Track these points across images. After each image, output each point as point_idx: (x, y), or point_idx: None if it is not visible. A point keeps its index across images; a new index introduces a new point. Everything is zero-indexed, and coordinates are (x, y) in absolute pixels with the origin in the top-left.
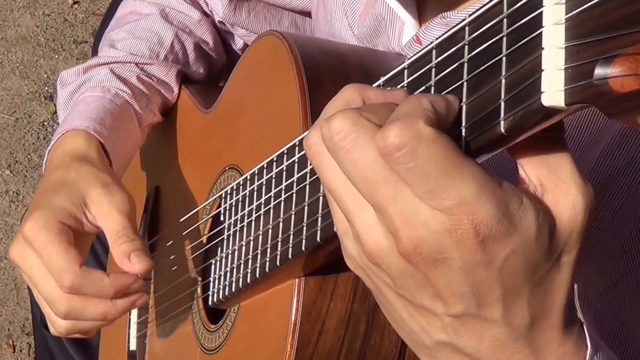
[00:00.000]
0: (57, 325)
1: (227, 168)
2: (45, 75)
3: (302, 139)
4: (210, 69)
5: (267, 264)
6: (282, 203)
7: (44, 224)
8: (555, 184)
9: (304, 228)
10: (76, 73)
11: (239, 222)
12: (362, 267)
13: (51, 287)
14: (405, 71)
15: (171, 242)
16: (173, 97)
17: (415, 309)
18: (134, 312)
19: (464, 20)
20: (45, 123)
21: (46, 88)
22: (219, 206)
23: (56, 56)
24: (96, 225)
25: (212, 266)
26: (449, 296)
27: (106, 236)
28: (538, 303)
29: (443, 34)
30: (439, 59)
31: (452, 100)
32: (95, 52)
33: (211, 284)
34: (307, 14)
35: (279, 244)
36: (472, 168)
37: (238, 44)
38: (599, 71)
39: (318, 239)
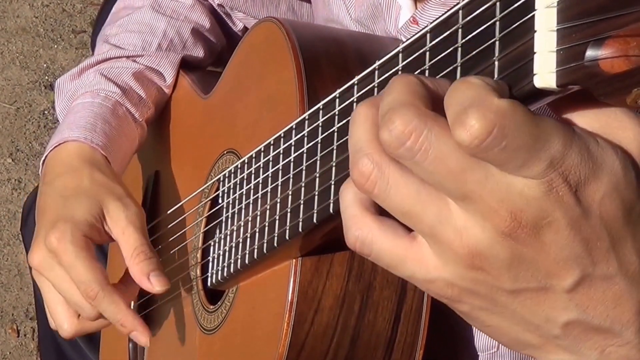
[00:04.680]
0: (64, 331)
1: (225, 152)
2: (45, 65)
3: (299, 122)
4: (211, 51)
5: (265, 245)
6: (279, 185)
7: (71, 238)
8: (612, 125)
9: (301, 209)
10: (70, 78)
11: (237, 204)
12: (464, 287)
13: (78, 295)
14: (400, 55)
15: (170, 225)
16: (169, 85)
17: (533, 300)
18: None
19: (457, 4)
20: (46, 112)
21: (46, 77)
22: (217, 189)
23: (55, 46)
24: (110, 236)
25: (211, 248)
26: (563, 264)
27: (122, 250)
28: None
29: (437, 19)
30: (433, 42)
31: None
32: (93, 42)
33: (210, 265)
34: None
35: (277, 225)
36: (551, 123)
37: (238, 26)
38: (590, 53)
39: (314, 220)
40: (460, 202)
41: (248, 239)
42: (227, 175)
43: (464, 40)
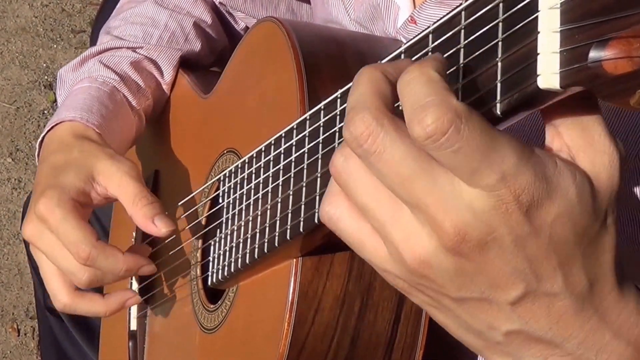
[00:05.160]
0: (58, 301)
1: (225, 151)
2: (44, 65)
3: (300, 122)
4: (212, 48)
5: (265, 244)
6: (280, 185)
7: (57, 201)
8: (590, 143)
9: (302, 209)
10: (72, 68)
11: (237, 204)
12: (413, 285)
13: (71, 259)
14: (402, 55)
15: None
16: (167, 82)
17: (476, 308)
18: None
19: (460, 4)
20: (46, 111)
21: (45, 77)
22: (218, 189)
23: (55, 46)
24: (106, 196)
25: (212, 247)
26: (507, 279)
27: (122, 202)
28: (593, 266)
29: (440, 19)
30: (436, 43)
31: (440, 58)
32: (93, 42)
33: (210, 264)
34: (304, 0)
35: (277, 225)
36: (507, 137)
37: (240, 24)
38: (593, 54)
39: (315, 220)
40: (411, 209)
41: (249, 239)
42: (227, 174)
43: (466, 41)
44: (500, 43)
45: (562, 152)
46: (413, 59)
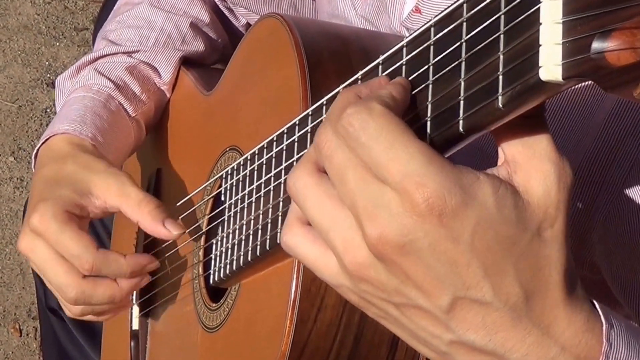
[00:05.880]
0: (70, 310)
1: (227, 149)
2: (47, 63)
3: (302, 118)
4: (212, 47)
5: (268, 242)
6: (283, 181)
7: (52, 214)
8: (529, 160)
9: None
10: (69, 75)
11: (239, 201)
12: (360, 295)
13: (61, 274)
14: (404, 49)
15: None
16: (166, 82)
17: (417, 316)
18: (136, 292)
19: None
20: (48, 110)
21: (48, 75)
22: (220, 186)
23: (57, 43)
24: (104, 209)
25: (214, 245)
26: (434, 285)
27: (126, 210)
28: (529, 279)
29: (440, 12)
30: (437, 36)
31: (404, 83)
32: (95, 39)
33: (212, 263)
34: None
35: (280, 222)
36: (419, 143)
37: (241, 21)
38: (596, 45)
39: None
40: (351, 212)
41: (251, 236)
42: (229, 172)
43: (468, 35)
44: (502, 36)
45: (503, 166)
46: (414, 52)
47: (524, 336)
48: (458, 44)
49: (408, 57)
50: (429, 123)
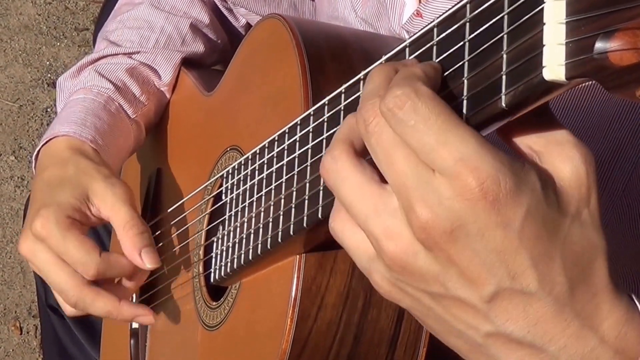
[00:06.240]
0: (69, 310)
1: (228, 149)
2: (47, 63)
3: (303, 118)
4: (211, 48)
5: (269, 240)
6: (284, 181)
7: (55, 220)
8: (550, 147)
9: (306, 205)
10: (70, 76)
11: (240, 200)
12: (395, 285)
13: (63, 279)
14: (407, 49)
15: (172, 222)
16: (166, 83)
17: (454, 307)
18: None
19: None
20: (49, 109)
21: (49, 75)
22: (220, 186)
23: (58, 43)
24: (100, 217)
25: (214, 244)
26: (479, 273)
27: (114, 226)
28: (573, 267)
29: (444, 13)
30: (440, 36)
31: (436, 66)
32: (95, 40)
33: (213, 261)
34: None
35: (281, 221)
36: (469, 127)
37: (241, 21)
38: (599, 45)
39: (319, 215)
40: (399, 194)
41: (252, 235)
42: (230, 171)
43: (471, 34)
44: (505, 36)
45: (526, 158)
46: (417, 53)
47: (564, 327)
48: (461, 43)
49: (411, 57)
50: None
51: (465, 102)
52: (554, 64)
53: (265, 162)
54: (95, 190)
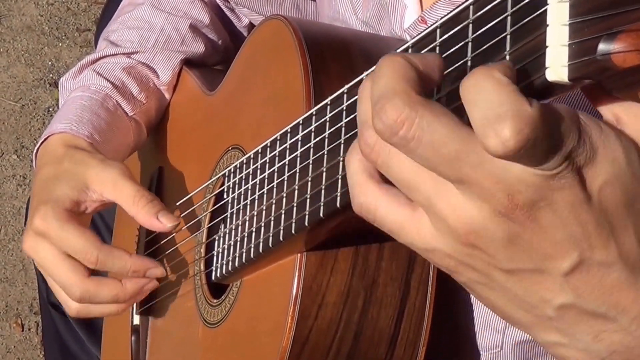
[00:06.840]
0: (71, 309)
1: (230, 148)
2: (49, 63)
3: (306, 117)
4: (212, 48)
5: (270, 239)
6: (286, 180)
7: (53, 214)
8: (631, 114)
9: (307, 203)
10: (71, 76)
11: (242, 199)
12: (461, 260)
13: (66, 273)
14: (410, 50)
15: None
16: (165, 83)
17: (528, 280)
18: None
19: (467, 0)
20: (51, 109)
21: (51, 75)
22: (222, 185)
23: (60, 44)
24: (102, 201)
25: (216, 242)
26: (561, 247)
27: (122, 205)
28: None
29: (447, 14)
30: (443, 37)
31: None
32: (97, 40)
33: (214, 259)
34: None
35: (282, 219)
36: (566, 121)
37: (243, 21)
38: (602, 47)
39: (321, 214)
40: (456, 184)
41: (253, 233)
42: (232, 170)
43: (474, 35)
44: (508, 36)
45: (608, 121)
46: (421, 52)
47: (637, 296)
48: (463, 43)
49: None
50: None
51: None
52: (557, 65)
53: (267, 161)
54: (92, 175)
